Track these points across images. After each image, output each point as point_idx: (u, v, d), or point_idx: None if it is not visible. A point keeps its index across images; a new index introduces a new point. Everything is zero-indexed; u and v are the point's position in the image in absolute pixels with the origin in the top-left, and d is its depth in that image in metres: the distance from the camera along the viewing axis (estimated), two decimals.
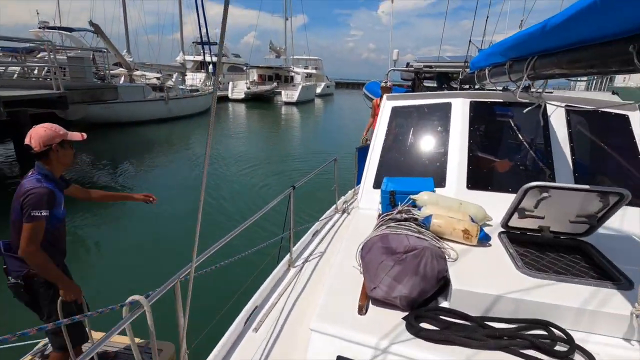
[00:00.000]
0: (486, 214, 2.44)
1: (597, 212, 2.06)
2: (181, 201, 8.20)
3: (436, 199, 2.46)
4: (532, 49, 2.29)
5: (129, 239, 6.40)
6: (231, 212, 7.64)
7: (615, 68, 1.46)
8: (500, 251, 2.12)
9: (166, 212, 7.51)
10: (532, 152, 3.16)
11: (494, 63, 3.33)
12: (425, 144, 3.44)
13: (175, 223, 7.01)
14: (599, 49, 1.48)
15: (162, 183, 9.82)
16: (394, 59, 6.50)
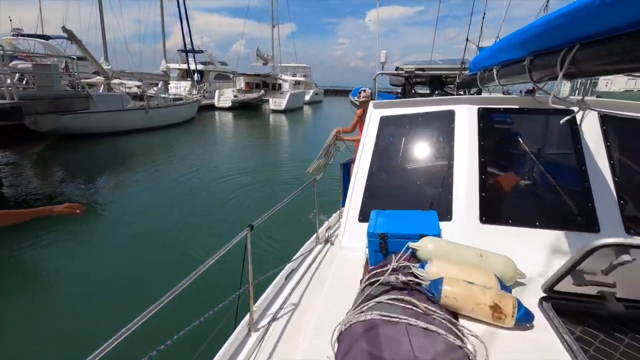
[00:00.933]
0: (517, 269, 1.73)
1: None
2: (158, 218, 7.40)
3: (445, 248, 1.73)
4: (573, 35, 1.62)
5: (92, 267, 5.56)
6: (200, 231, 6.85)
7: None
8: (548, 336, 1.40)
9: (140, 232, 6.74)
10: (562, 172, 2.47)
11: (505, 60, 2.65)
12: (424, 163, 2.73)
13: (149, 246, 6.21)
14: None
15: (138, 198, 8.97)
16: (381, 61, 5.82)
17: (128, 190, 9.58)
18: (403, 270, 1.67)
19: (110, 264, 5.65)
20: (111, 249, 6.15)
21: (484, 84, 3.54)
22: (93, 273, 5.41)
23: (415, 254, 1.79)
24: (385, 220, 2.11)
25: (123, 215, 7.69)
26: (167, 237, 6.56)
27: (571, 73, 1.70)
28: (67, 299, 4.80)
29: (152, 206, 8.20)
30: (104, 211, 7.93)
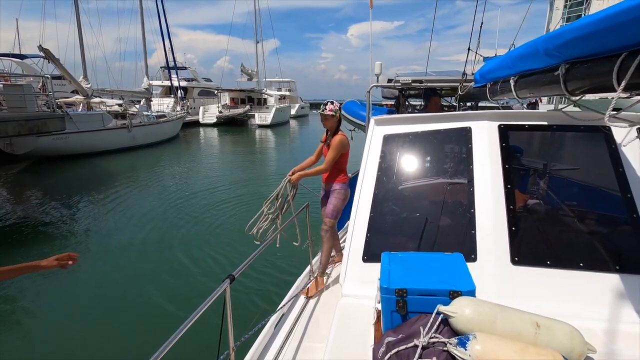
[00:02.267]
0: (585, 343, 1.32)
1: None
2: (141, 244, 6.84)
3: (491, 315, 1.31)
4: (630, 39, 1.29)
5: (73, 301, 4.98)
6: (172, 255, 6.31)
7: None
8: None
9: (121, 262, 6.20)
10: (604, 200, 2.10)
11: (526, 70, 2.31)
12: (438, 190, 2.33)
13: (130, 276, 5.64)
14: None
15: (121, 221, 8.37)
16: (376, 73, 5.45)
17: (109, 214, 8.95)
18: (435, 347, 1.24)
19: (88, 294, 5.12)
20: (90, 278, 5.59)
21: (495, 96, 3.19)
22: (69, 303, 4.93)
23: (447, 320, 1.37)
24: (401, 268, 1.69)
25: (105, 240, 7.16)
26: (149, 266, 6.02)
27: (632, 85, 1.34)
28: (43, 330, 4.33)
29: (134, 231, 7.63)
30: (85, 237, 7.38)
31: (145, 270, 5.89)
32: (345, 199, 3.16)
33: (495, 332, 1.27)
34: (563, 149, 2.34)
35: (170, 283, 5.45)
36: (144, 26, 25.93)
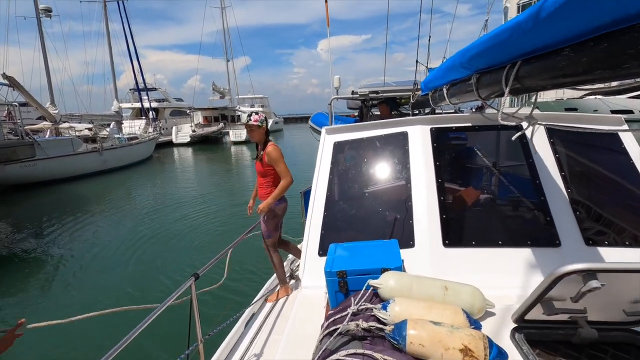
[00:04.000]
0: (485, 300, 1.61)
1: None
2: (113, 269, 6.82)
3: (408, 283, 1.59)
4: (514, 52, 1.59)
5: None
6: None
7: None
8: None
9: (96, 282, 6.22)
10: (519, 187, 2.44)
11: (453, 80, 2.65)
12: (382, 188, 2.62)
13: (100, 303, 5.64)
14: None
15: (93, 246, 8.29)
16: (335, 86, 5.82)
17: (80, 239, 8.86)
18: (364, 314, 1.50)
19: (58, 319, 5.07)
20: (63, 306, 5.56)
21: (436, 103, 3.56)
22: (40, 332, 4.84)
23: (377, 292, 1.63)
24: (343, 255, 1.95)
25: (76, 267, 7.08)
26: (123, 291, 6.04)
27: (517, 89, 1.66)
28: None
29: (107, 257, 7.59)
30: (56, 265, 7.28)
31: (118, 295, 5.89)
32: (276, 216, 2.94)
33: (412, 296, 1.53)
34: (487, 146, 2.67)
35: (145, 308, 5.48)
36: (111, 49, 25.86)
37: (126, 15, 24.06)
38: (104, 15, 25.84)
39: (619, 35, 0.88)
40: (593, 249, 2.11)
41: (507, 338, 1.48)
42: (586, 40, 1.01)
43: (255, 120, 2.91)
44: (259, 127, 2.91)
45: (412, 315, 1.40)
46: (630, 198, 2.29)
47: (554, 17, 1.06)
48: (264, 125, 2.95)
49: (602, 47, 0.94)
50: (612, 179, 2.43)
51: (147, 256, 7.41)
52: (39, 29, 19.99)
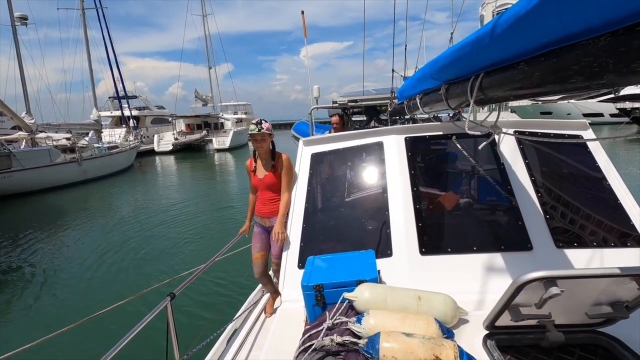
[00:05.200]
0: (457, 308, 1.64)
1: (629, 299, 1.34)
2: (92, 283, 6.64)
3: (382, 295, 1.61)
4: (476, 64, 1.64)
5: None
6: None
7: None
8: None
9: (67, 300, 5.99)
10: (492, 193, 2.50)
11: (425, 89, 2.70)
12: (360, 198, 2.64)
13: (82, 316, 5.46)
14: (613, 42, 0.78)
15: (72, 257, 8.07)
16: (315, 96, 5.87)
17: (59, 251, 8.61)
18: (340, 328, 1.50)
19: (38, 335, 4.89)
20: (40, 318, 5.39)
21: (411, 112, 3.62)
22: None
23: (352, 305, 1.65)
24: (320, 267, 1.96)
25: (54, 278, 6.88)
26: (95, 306, 5.88)
27: (481, 100, 1.71)
28: None
29: (86, 268, 7.40)
30: (32, 277, 7.05)
31: (97, 305, 5.75)
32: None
33: (387, 308, 1.55)
34: (460, 154, 2.73)
35: (122, 319, 5.35)
36: (90, 56, 25.39)
37: (105, 22, 23.66)
38: (83, 22, 25.38)
39: (565, 52, 0.92)
40: (563, 251, 2.18)
41: (480, 345, 1.51)
42: (538, 55, 1.06)
43: (268, 128, 2.73)
44: (270, 135, 2.76)
45: (386, 327, 1.42)
46: (596, 200, 2.38)
47: (507, 33, 1.11)
48: (272, 134, 2.82)
49: (552, 62, 0.99)
50: (579, 182, 2.52)
51: (125, 270, 7.22)
52: (14, 36, 19.49)
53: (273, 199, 2.81)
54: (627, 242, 2.18)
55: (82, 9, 25.35)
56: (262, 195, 2.84)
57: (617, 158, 15.26)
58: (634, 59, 0.72)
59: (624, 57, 0.74)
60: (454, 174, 2.71)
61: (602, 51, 0.79)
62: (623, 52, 0.74)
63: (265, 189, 2.82)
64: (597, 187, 2.42)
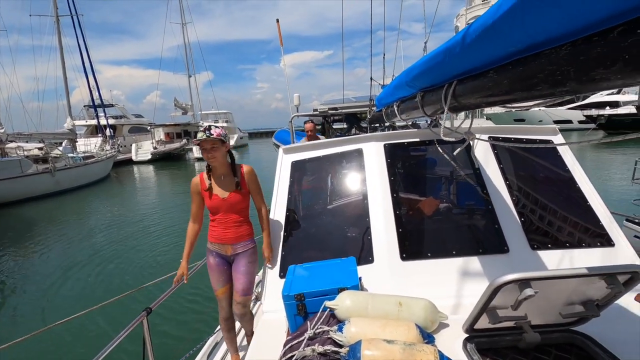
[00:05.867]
0: (437, 312, 1.65)
1: (598, 298, 1.38)
2: (57, 301, 6.37)
3: (364, 302, 1.61)
4: (449, 73, 1.68)
5: None
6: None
7: (601, 82, 0.79)
8: None
9: (35, 315, 5.70)
10: (470, 198, 2.55)
11: (402, 97, 2.75)
12: (341, 205, 2.65)
13: (51, 332, 5.23)
14: (573, 51, 0.82)
15: (37, 271, 7.74)
16: (295, 104, 5.90)
17: (28, 265, 8.28)
18: (321, 337, 1.49)
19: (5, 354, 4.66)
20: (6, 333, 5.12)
21: (390, 119, 3.67)
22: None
23: (334, 313, 1.64)
24: (301, 276, 1.95)
25: (22, 294, 6.58)
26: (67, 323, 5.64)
27: (455, 107, 1.75)
28: None
29: (56, 282, 7.12)
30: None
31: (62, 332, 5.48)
32: (257, 259, 2.51)
33: (368, 315, 1.55)
34: (438, 159, 2.77)
35: (93, 336, 5.13)
36: (65, 64, 24.73)
37: (81, 29, 23.16)
38: (57, 29, 24.73)
39: (530, 61, 0.96)
40: (537, 252, 2.24)
41: (460, 348, 1.53)
42: (506, 63, 1.10)
43: (218, 134, 2.27)
44: (223, 144, 2.31)
45: (367, 335, 1.41)
46: (567, 202, 2.46)
47: (476, 42, 1.15)
48: (228, 142, 2.37)
49: (519, 71, 1.03)
50: (551, 185, 2.61)
51: (99, 283, 6.98)
52: None
53: (239, 221, 2.45)
54: (597, 242, 2.26)
55: (56, 16, 24.73)
56: (225, 219, 2.42)
57: (586, 162, 15.88)
58: (592, 67, 0.76)
59: (584, 66, 0.78)
60: (432, 180, 2.75)
61: (564, 60, 0.82)
62: (582, 61, 0.77)
63: (229, 211, 2.41)
64: (568, 189, 2.50)
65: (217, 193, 2.39)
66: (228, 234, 2.43)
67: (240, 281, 2.42)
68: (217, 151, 2.30)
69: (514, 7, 0.89)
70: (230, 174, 2.44)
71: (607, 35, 0.72)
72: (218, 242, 2.45)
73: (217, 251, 2.49)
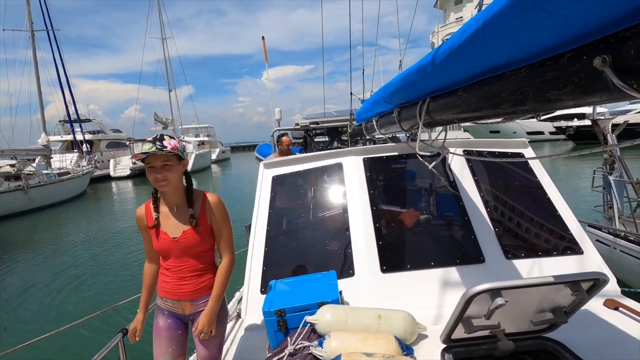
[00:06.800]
0: (416, 324, 1.68)
1: (566, 305, 1.44)
2: (27, 325, 6.09)
3: (344, 316, 1.62)
4: (422, 90, 1.75)
5: None
6: None
7: (570, 100, 0.84)
8: None
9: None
10: (447, 210, 2.62)
11: (380, 112, 2.82)
12: (321, 219, 2.67)
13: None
14: (530, 74, 0.88)
15: (9, 294, 7.39)
16: (277, 118, 5.96)
17: (6, 284, 7.91)
18: (302, 353, 1.49)
19: None
20: None
21: (369, 134, 3.74)
22: None
23: (314, 328, 1.64)
24: (282, 291, 1.95)
25: None
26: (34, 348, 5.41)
27: (429, 122, 1.81)
28: None
29: (21, 306, 6.81)
30: None
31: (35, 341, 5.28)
32: (224, 325, 1.90)
33: (348, 329, 1.56)
34: (416, 172, 2.85)
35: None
36: (39, 78, 24.18)
37: (57, 44, 22.77)
38: (32, 44, 24.25)
39: (494, 81, 1.02)
40: (511, 262, 2.31)
41: (438, 359, 1.55)
42: (473, 83, 1.16)
43: (174, 146, 1.65)
44: (179, 161, 1.71)
45: (347, 349, 1.42)
46: (538, 212, 2.55)
47: (445, 63, 1.22)
48: (186, 159, 1.78)
49: (484, 90, 1.09)
50: (523, 196, 2.70)
51: (72, 305, 6.72)
52: None
53: (200, 269, 1.80)
54: (567, 250, 2.35)
55: (31, 31, 24.27)
56: (180, 266, 1.77)
57: (557, 173, 16.45)
58: (547, 88, 0.82)
59: (540, 87, 0.84)
60: (411, 192, 2.81)
61: (523, 81, 0.88)
62: (539, 82, 0.83)
63: (184, 255, 1.77)
64: (538, 200, 2.61)
65: (167, 231, 1.76)
66: (184, 287, 1.78)
67: (206, 351, 1.78)
68: (170, 171, 1.65)
69: (476, 32, 0.95)
70: (184, 203, 1.77)
71: (558, 60, 0.78)
72: (170, 298, 1.81)
73: (170, 310, 1.84)
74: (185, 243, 1.74)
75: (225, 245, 1.82)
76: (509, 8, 0.79)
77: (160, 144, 1.62)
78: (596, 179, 5.69)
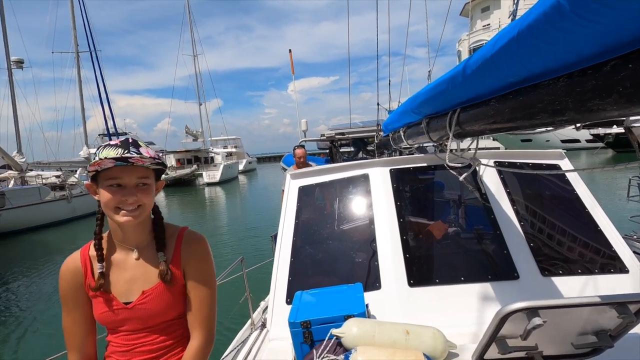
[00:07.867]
0: (446, 341, 1.62)
1: (611, 328, 1.34)
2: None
3: (371, 330, 1.59)
4: (452, 100, 1.71)
5: None
6: None
7: (600, 112, 0.81)
8: None
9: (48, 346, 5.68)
10: (477, 223, 2.53)
11: (408, 123, 2.79)
12: (348, 231, 2.65)
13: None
14: (570, 83, 0.84)
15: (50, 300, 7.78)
16: (303, 129, 6.03)
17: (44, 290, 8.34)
18: None
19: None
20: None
21: (397, 144, 3.71)
22: None
23: (340, 341, 1.62)
24: (308, 303, 1.94)
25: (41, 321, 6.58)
26: None
27: (459, 133, 1.77)
28: None
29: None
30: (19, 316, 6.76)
31: None
32: None
33: (375, 343, 1.53)
34: (445, 185, 2.78)
35: None
36: (83, 95, 25.67)
37: (99, 63, 24.13)
38: (77, 64, 25.82)
39: (530, 91, 0.99)
40: (549, 279, 2.19)
41: None
42: (507, 93, 1.13)
43: (152, 156, 1.10)
44: (157, 177, 1.19)
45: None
46: (577, 227, 2.42)
47: (477, 73, 1.19)
48: (162, 181, 1.24)
49: (519, 100, 1.06)
50: (559, 209, 2.57)
51: None
52: (10, 79, 19.78)
53: (164, 347, 1.19)
54: (610, 268, 2.20)
55: (76, 53, 25.88)
56: (132, 344, 1.16)
57: (593, 182, 15.60)
58: (589, 98, 0.78)
59: (581, 97, 0.80)
60: (439, 204, 2.75)
61: (562, 91, 0.85)
62: (579, 92, 0.80)
63: (142, 328, 1.16)
64: (577, 214, 2.47)
65: (116, 294, 1.15)
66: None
67: None
68: (147, 193, 1.11)
69: (510, 42, 0.93)
70: (150, 244, 1.20)
71: (601, 68, 0.74)
72: None
73: None
74: (145, 311, 1.13)
75: (202, 316, 1.17)
76: (545, 17, 0.76)
77: (137, 150, 1.07)
78: (632, 188, 5.39)
